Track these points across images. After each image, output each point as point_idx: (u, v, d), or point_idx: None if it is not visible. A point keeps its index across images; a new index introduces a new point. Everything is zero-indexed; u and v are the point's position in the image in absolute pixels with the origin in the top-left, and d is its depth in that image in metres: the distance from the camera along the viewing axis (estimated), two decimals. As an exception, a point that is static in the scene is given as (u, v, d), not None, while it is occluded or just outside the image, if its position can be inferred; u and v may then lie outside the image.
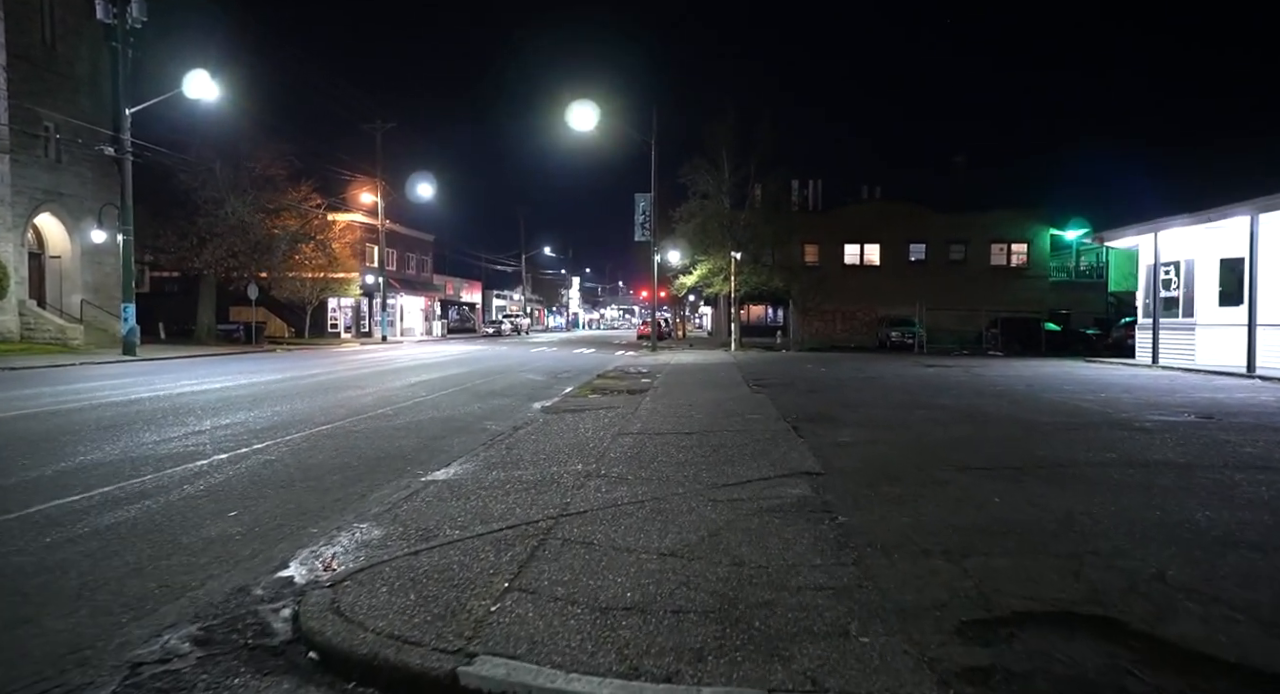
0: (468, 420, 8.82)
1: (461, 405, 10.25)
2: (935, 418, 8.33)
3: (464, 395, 11.56)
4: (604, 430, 7.60)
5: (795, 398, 10.63)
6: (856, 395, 10.95)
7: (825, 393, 11.38)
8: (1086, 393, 11.01)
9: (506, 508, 4.56)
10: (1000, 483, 4.98)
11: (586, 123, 24.04)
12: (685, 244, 30.42)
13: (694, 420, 8.25)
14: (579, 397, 11.36)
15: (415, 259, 54.15)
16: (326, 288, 39.31)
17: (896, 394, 11.12)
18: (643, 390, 12.02)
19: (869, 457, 6.01)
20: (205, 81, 20.65)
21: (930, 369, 16.77)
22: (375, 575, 3.40)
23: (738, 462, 5.86)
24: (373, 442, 7.21)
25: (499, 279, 76.63)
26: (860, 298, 37.51)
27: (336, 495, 5.12)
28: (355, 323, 45.16)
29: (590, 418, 8.66)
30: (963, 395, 10.83)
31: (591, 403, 10.45)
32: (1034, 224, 36.70)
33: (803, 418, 8.40)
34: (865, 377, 14.63)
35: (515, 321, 61.90)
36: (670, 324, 53.08)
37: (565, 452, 6.44)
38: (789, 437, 7.04)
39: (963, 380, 13.60)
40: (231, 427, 7.95)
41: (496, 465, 5.94)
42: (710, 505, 4.50)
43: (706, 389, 12.18)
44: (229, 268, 30.18)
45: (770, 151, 27.89)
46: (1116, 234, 17.54)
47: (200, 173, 28.22)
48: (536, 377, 15.63)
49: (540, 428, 7.94)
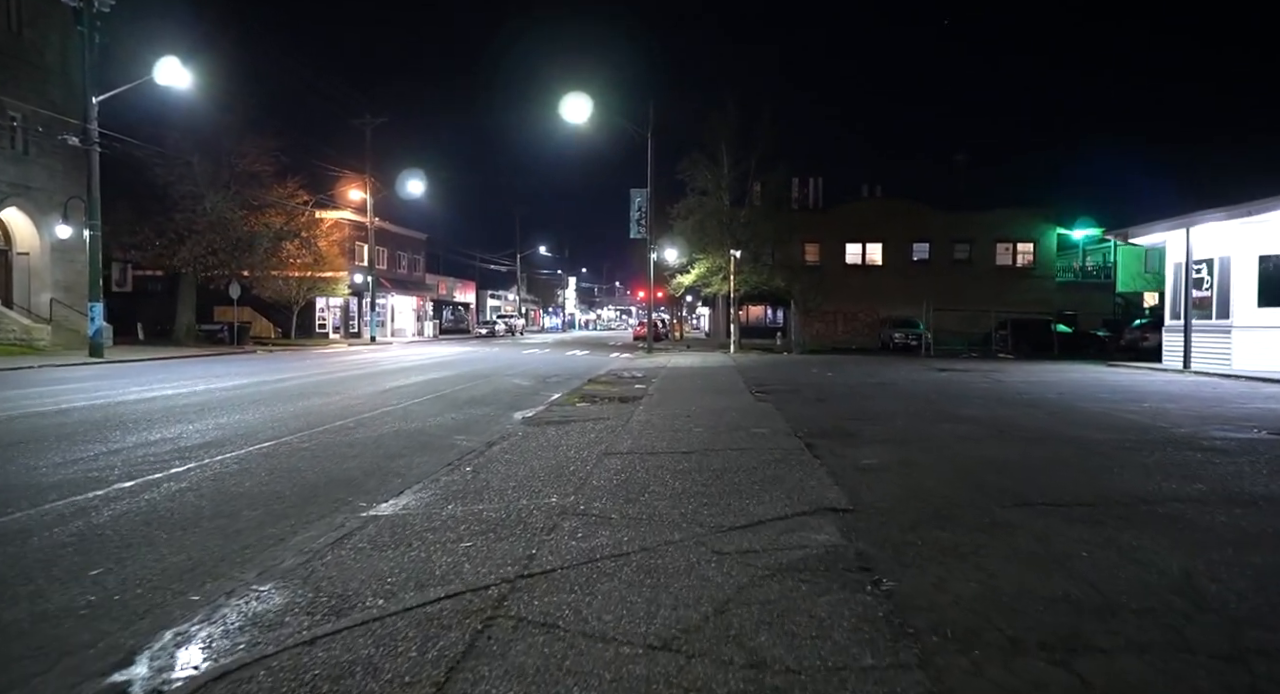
0: (437, 434, 7.80)
1: (434, 416, 9.22)
2: (968, 433, 7.32)
3: (439, 404, 10.53)
4: (589, 448, 6.59)
5: (804, 407, 9.62)
6: (871, 404, 9.95)
7: (836, 401, 10.38)
8: (1127, 402, 10.02)
9: (454, 562, 3.55)
10: (1078, 528, 3.97)
11: (581, 115, 23.09)
12: (683, 242, 29.38)
13: (692, 436, 7.24)
14: (566, 405, 10.34)
15: (407, 258, 53.08)
16: (314, 287, 38.22)
17: (915, 403, 10.12)
18: (636, 398, 11.00)
19: (903, 486, 5.00)
20: (176, 68, 19.58)
21: (944, 374, 15.78)
22: (240, 687, 2.38)
23: (745, 492, 4.85)
24: (319, 462, 6.18)
25: (494, 279, 75.62)
26: (862, 298, 36.59)
27: (247, 540, 4.09)
28: (344, 323, 44.07)
29: (575, 432, 7.65)
30: (990, 405, 9.83)
31: (579, 413, 9.44)
32: (1040, 223, 35.79)
33: (815, 432, 7.39)
34: (877, 382, 13.64)
35: (509, 322, 60.83)
36: (667, 325, 52.06)
37: (540, 477, 5.43)
38: (803, 457, 6.04)
39: (984, 387, 12.60)
40: (158, 443, 6.91)
41: (456, 496, 4.93)
42: (714, 561, 3.49)
43: (705, 396, 11.18)
44: (208, 266, 29.08)
45: (771, 146, 26.93)
46: (1143, 230, 16.53)
47: (177, 167, 27.12)
48: (523, 382, 14.61)
49: (517, 444, 6.93)
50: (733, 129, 26.73)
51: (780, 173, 27.37)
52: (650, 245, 25.23)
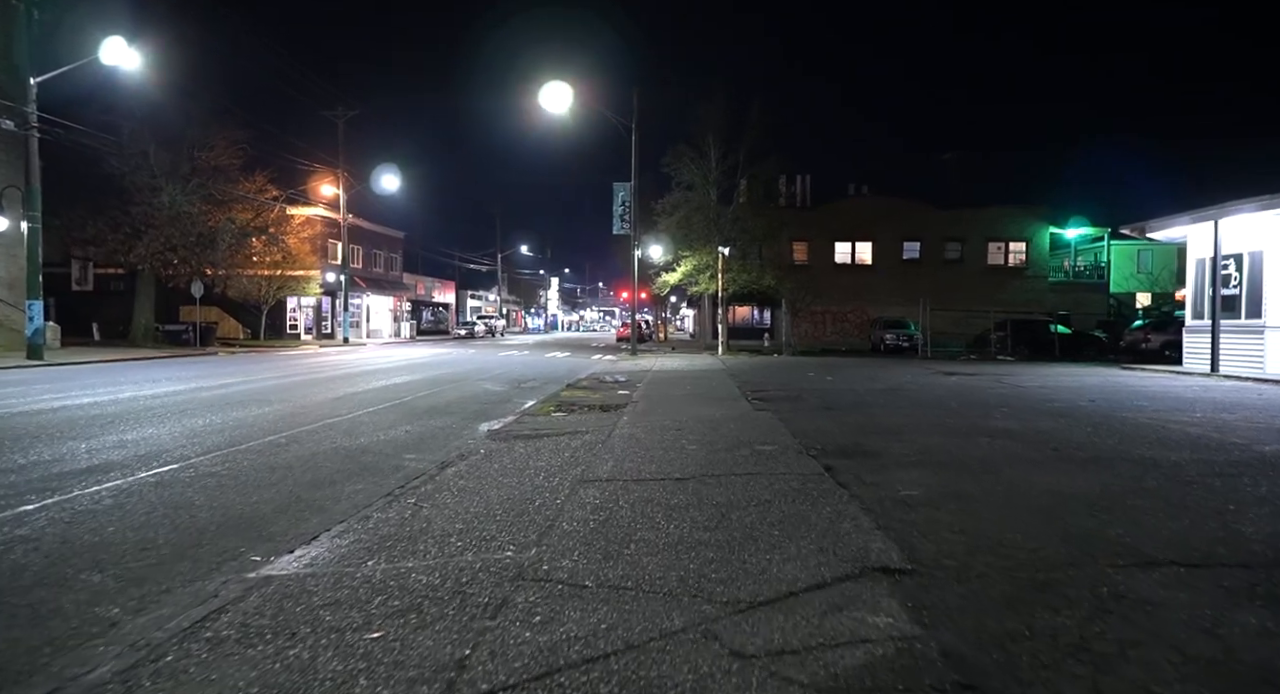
0: (384, 452, 6.58)
1: (386, 428, 7.98)
2: (1014, 452, 6.20)
3: (396, 413, 9.28)
4: (561, 473, 5.41)
5: (811, 418, 8.48)
6: (886, 415, 8.83)
7: (845, 411, 9.25)
8: (1173, 412, 8.94)
9: (345, 672, 2.36)
10: (1250, 607, 2.83)
11: (561, 105, 21.90)
12: (668, 239, 28.17)
13: (686, 455, 6.07)
14: (540, 415, 9.13)
15: (384, 257, 51.50)
16: (284, 286, 36.67)
17: (934, 412, 9.02)
18: (619, 406, 9.82)
19: (967, 530, 3.86)
20: (122, 48, 18.12)
21: (952, 378, 14.70)
22: None
23: (762, 540, 3.70)
24: (223, 494, 4.95)
25: (474, 279, 74.04)
26: (851, 298, 35.70)
27: (63, 625, 2.87)
28: (316, 324, 42.47)
29: (547, 449, 6.46)
30: (1021, 415, 8.73)
31: (553, 424, 8.24)
32: (1033, 221, 35.05)
33: (832, 450, 6.25)
34: (883, 388, 12.52)
35: (489, 323, 59.34)
36: (651, 326, 50.93)
37: (497, 515, 4.24)
38: (825, 485, 4.89)
39: (1003, 393, 11.50)
40: (29, 468, 5.63)
41: (383, 545, 3.74)
42: (736, 674, 2.32)
43: (697, 404, 10.02)
44: (167, 263, 27.50)
45: (762, 138, 25.74)
46: (1163, 223, 15.53)
47: (132, 157, 25.51)
48: (495, 387, 13.36)
49: (476, 466, 5.73)
50: (721, 119, 25.58)
51: (771, 166, 26.25)
52: (634, 242, 24.01)
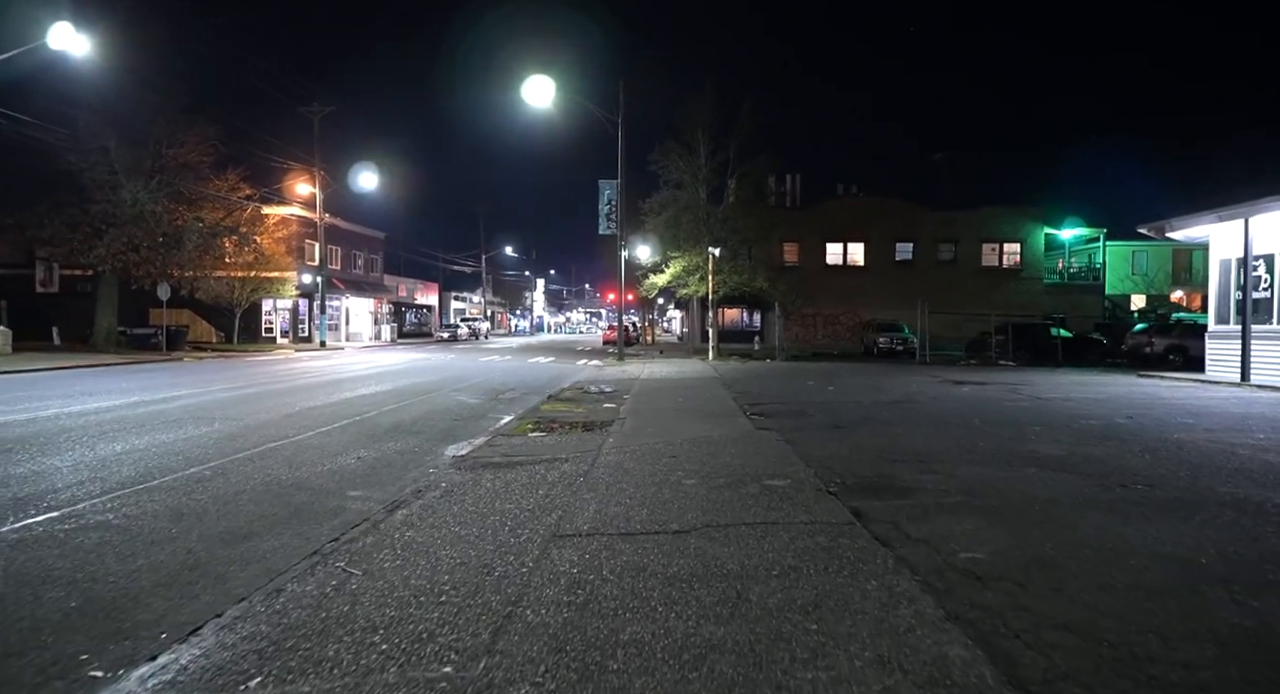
0: (323, 489, 5.52)
1: (335, 455, 6.91)
2: (1075, 490, 5.22)
3: (351, 434, 8.20)
4: (531, 522, 4.38)
5: (821, 439, 7.50)
6: (905, 435, 7.85)
7: (858, 429, 8.27)
8: (1229, 431, 7.95)
9: None
10: None
11: (544, 99, 20.86)
12: (656, 239, 27.12)
13: (684, 494, 5.06)
14: (515, 436, 8.09)
15: (363, 258, 50.09)
16: (258, 288, 35.37)
17: (959, 431, 8.05)
18: (604, 424, 8.79)
19: (1079, 630, 2.85)
20: (69, 34, 16.87)
21: (962, 387, 13.74)
22: None
23: (795, 641, 2.69)
24: (99, 557, 3.88)
25: (458, 281, 72.69)
26: (843, 301, 34.89)
27: None
28: (293, 327, 41.06)
29: (519, 484, 5.42)
30: (1058, 435, 7.75)
31: (529, 448, 7.20)
32: (1028, 222, 34.39)
33: (856, 486, 5.27)
34: (892, 400, 11.53)
35: (473, 325, 57.99)
36: (638, 329, 49.93)
37: (442, 594, 3.21)
38: (860, 542, 3.90)
39: (1026, 407, 10.50)
40: None
41: (282, 648, 2.70)
42: None
43: (691, 420, 9.01)
44: (130, 263, 26.13)
45: (752, 135, 24.81)
46: (1186, 222, 14.64)
47: (91, 152, 24.12)
48: (470, 399, 12.28)
49: (430, 510, 4.69)
50: (711, 116, 24.61)
51: (761, 164, 25.28)
52: (621, 242, 22.94)
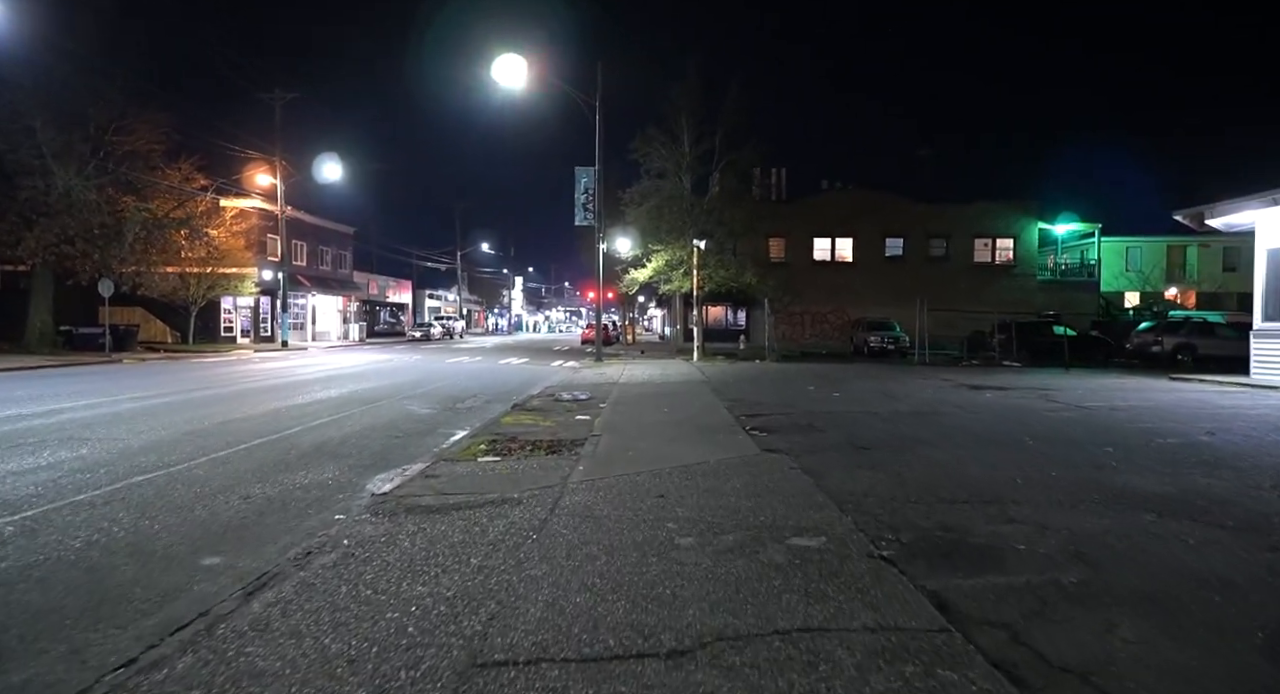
0: (165, 556, 3.91)
1: (219, 491, 5.28)
2: (1236, 556, 3.77)
3: (256, 459, 6.55)
4: (443, 634, 2.79)
5: (847, 466, 5.98)
6: (948, 457, 6.35)
7: (886, 450, 6.76)
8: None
9: None
10: None
11: (516, 78, 19.24)
12: (636, 232, 25.50)
13: (676, 566, 3.51)
14: (462, 460, 6.48)
15: (332, 254, 47.97)
16: (215, 285, 33.31)
17: (1015, 454, 6.55)
18: (574, 444, 7.22)
19: None
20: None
21: (983, 393, 12.27)
22: None
23: None
24: None
25: (433, 278, 70.57)
26: (830, 298, 33.61)
27: None
28: (255, 326, 38.94)
29: (449, 541, 3.83)
30: (1141, 461, 6.26)
31: (475, 480, 5.60)
32: (1021, 217, 33.28)
33: (918, 545, 3.76)
34: (911, 410, 10.00)
35: (447, 324, 56.02)
36: (619, 327, 48.30)
37: None
38: (976, 669, 2.36)
39: (1071, 418, 9.01)
40: None
41: None
42: None
43: (679, 438, 7.47)
44: (64, 256, 24.07)
45: (740, 121, 23.27)
46: (1228, 208, 13.35)
47: (14, 133, 22.00)
48: (422, 409, 10.62)
49: (304, 597, 3.08)
50: (695, 101, 23.05)
51: (749, 152, 23.76)
52: (599, 235, 21.31)
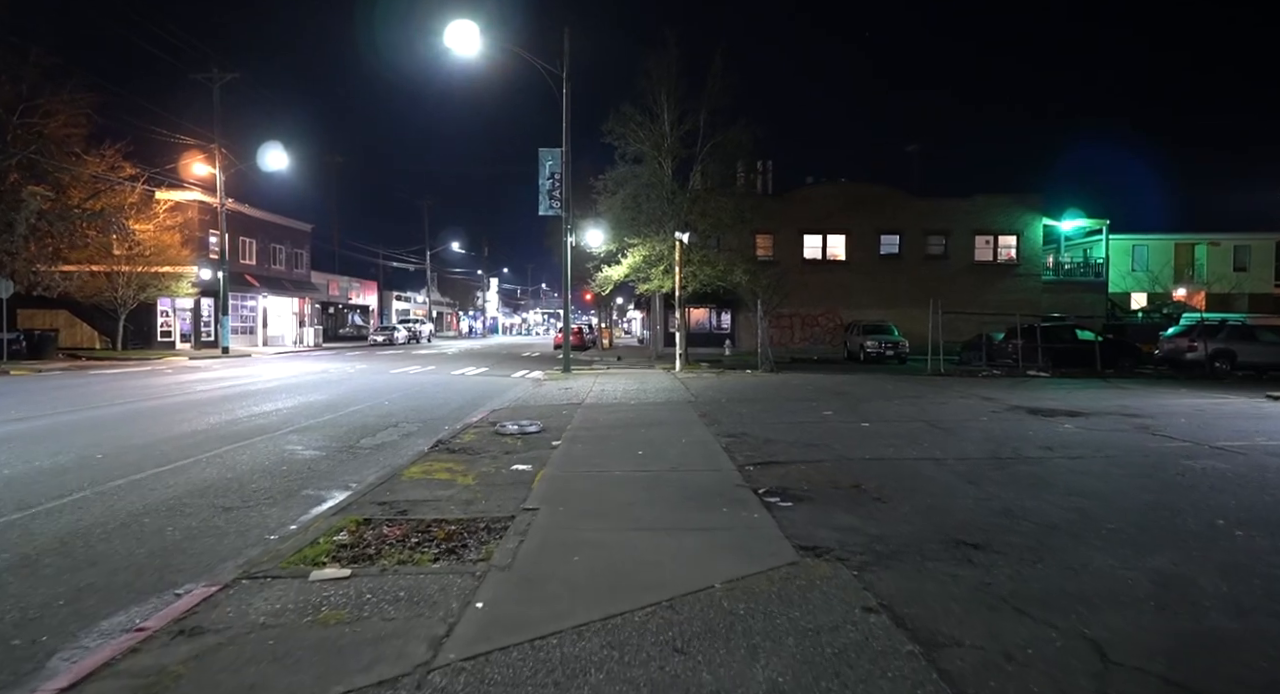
0: None
1: None
2: None
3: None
4: None
5: (970, 604, 3.36)
6: (1128, 572, 3.79)
7: (1017, 560, 4.14)
8: None
9: None
10: None
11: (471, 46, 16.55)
12: (611, 224, 22.81)
13: None
14: (282, 577, 3.76)
15: (285, 252, 44.64)
16: (148, 285, 30.11)
17: (1218, 554, 4.04)
18: (490, 532, 4.51)
19: None
20: None
21: (1059, 422, 9.40)
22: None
23: None
24: None
25: (402, 279, 67.34)
26: (822, 299, 31.20)
27: None
28: (195, 330, 35.62)
29: None
30: None
31: (272, 651, 2.89)
32: (1024, 213, 31.12)
33: None
34: (989, 456, 7.13)
35: (413, 327, 52.86)
36: (595, 331, 45.48)
37: None
38: None
39: (1232, 472, 6.37)
40: None
41: None
42: None
43: (658, 524, 4.81)
44: (-56, 251, 20.94)
45: (725, 97, 20.64)
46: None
47: None
48: (306, 450, 7.80)
49: None
50: (675, 74, 20.43)
51: (739, 132, 21.10)
52: (566, 226, 18.52)
